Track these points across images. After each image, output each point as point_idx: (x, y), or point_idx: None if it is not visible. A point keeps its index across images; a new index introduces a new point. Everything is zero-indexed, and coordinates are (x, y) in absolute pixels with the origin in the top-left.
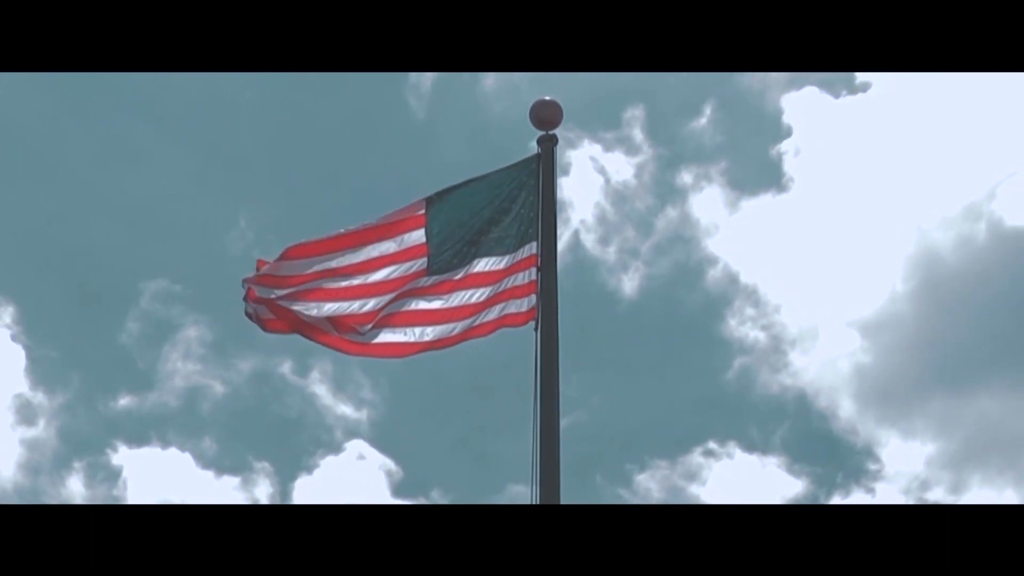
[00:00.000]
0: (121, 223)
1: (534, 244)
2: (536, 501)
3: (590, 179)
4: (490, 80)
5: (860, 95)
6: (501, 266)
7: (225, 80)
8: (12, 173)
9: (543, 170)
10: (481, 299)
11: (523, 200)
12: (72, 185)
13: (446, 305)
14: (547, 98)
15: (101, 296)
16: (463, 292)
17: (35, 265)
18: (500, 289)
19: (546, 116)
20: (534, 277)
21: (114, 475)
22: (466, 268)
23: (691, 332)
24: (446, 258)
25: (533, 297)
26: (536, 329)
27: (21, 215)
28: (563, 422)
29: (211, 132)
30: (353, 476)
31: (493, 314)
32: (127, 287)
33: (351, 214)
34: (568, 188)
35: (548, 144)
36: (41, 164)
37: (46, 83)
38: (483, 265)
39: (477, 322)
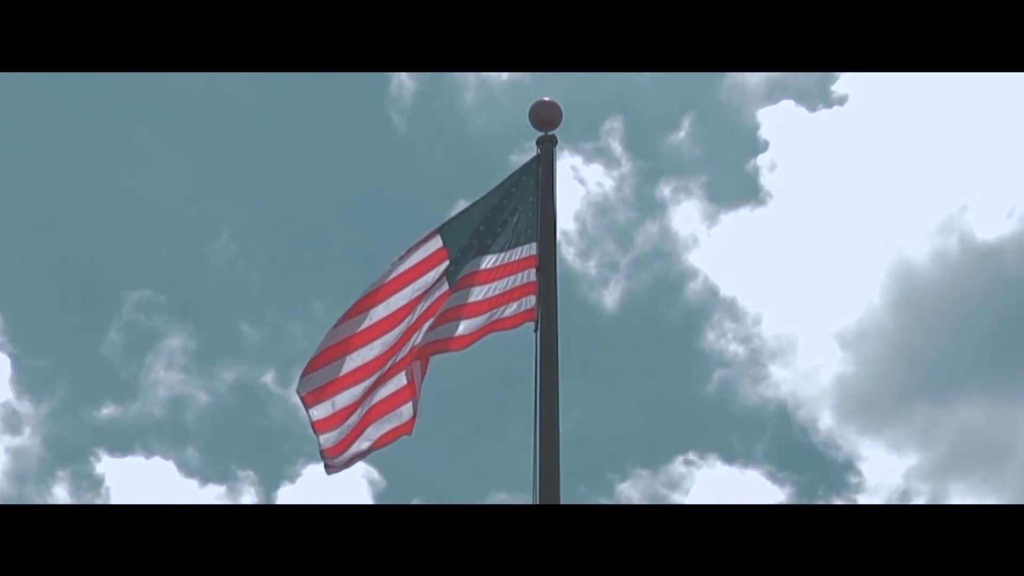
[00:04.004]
0: (110, 229)
1: (533, 245)
2: (536, 501)
3: (570, 191)
4: (471, 93)
5: (836, 108)
6: (494, 265)
7: (222, 81)
8: (4, 176)
9: (543, 171)
10: (471, 300)
11: (521, 200)
12: (64, 189)
13: (447, 308)
14: (546, 98)
15: (89, 304)
16: (460, 292)
17: (23, 273)
18: (494, 292)
19: (546, 116)
20: (533, 278)
21: (97, 483)
22: (465, 271)
23: (671, 345)
24: (457, 267)
25: (532, 298)
26: (536, 330)
27: (10, 221)
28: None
29: (203, 136)
30: (336, 484)
31: (483, 320)
32: (111, 296)
33: (339, 221)
34: None
35: (548, 145)
36: (34, 167)
37: (46, 83)
38: (479, 265)
39: (471, 328)
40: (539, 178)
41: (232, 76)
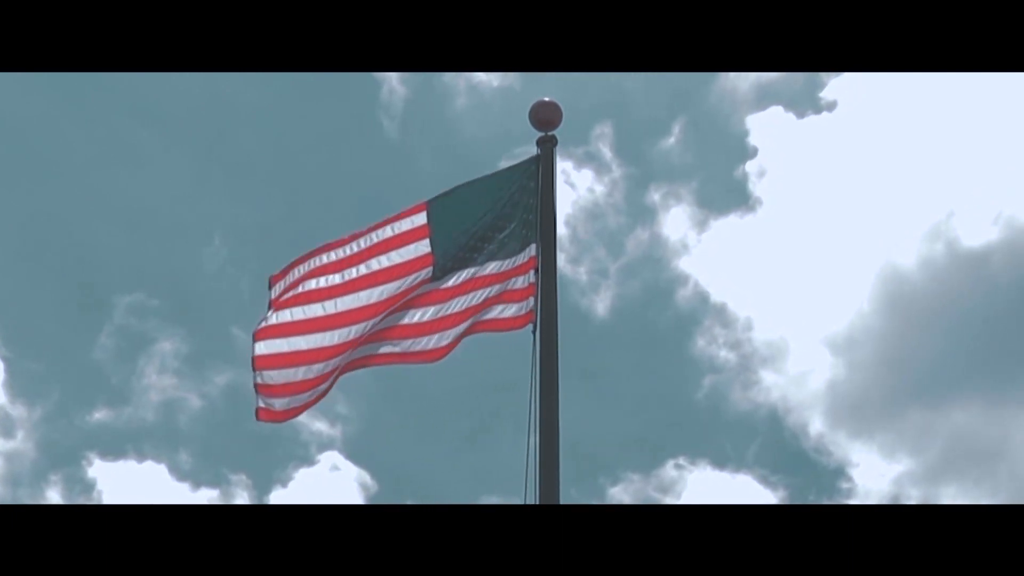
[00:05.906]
0: (103, 231)
1: (533, 246)
2: (536, 501)
3: (561, 196)
4: (462, 98)
5: (824, 114)
6: (498, 270)
7: (217, 82)
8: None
9: (543, 171)
10: (467, 305)
11: (523, 204)
12: (60, 190)
13: (436, 315)
14: (546, 99)
15: (84, 308)
16: (456, 300)
17: (17, 276)
18: (493, 293)
19: (546, 116)
20: (532, 280)
21: (90, 487)
22: (463, 274)
23: (662, 350)
24: (449, 266)
25: (531, 300)
26: (535, 331)
27: (6, 222)
28: (536, 438)
29: (197, 138)
30: (328, 487)
31: (481, 315)
32: (104, 299)
33: (333, 225)
34: None
35: (548, 145)
36: (31, 167)
37: (46, 83)
38: (480, 271)
39: (465, 327)
40: (539, 179)
41: (227, 77)
